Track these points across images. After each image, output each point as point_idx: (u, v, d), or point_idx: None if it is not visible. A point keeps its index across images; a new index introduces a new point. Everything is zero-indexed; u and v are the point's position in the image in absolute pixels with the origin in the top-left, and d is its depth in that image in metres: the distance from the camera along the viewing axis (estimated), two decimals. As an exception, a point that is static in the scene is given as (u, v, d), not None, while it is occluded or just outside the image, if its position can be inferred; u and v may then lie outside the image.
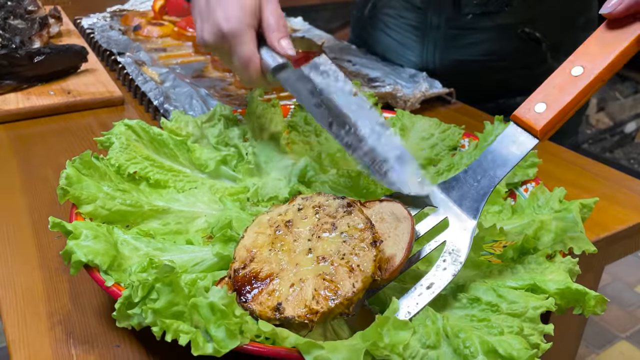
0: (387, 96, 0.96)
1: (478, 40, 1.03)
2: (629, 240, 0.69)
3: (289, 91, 0.65)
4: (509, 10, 0.98)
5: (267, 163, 0.70)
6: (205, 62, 1.14)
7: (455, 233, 0.50)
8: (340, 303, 0.44)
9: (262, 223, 0.52)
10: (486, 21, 1.00)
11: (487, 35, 1.02)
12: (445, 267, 0.48)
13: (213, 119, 0.76)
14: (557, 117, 0.50)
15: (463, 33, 1.03)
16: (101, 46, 1.20)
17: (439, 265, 0.48)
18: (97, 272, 0.48)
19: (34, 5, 1.25)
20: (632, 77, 3.11)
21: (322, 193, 0.54)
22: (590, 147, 2.84)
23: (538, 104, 0.50)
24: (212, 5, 0.66)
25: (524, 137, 0.51)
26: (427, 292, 0.47)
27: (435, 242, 0.51)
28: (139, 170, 0.64)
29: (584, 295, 0.46)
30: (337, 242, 0.48)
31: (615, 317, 2.05)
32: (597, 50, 0.50)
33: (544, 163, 0.70)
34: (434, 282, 0.47)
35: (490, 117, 0.97)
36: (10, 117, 0.91)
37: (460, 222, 0.51)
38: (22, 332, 0.50)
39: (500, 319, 0.43)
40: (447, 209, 0.53)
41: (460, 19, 1.01)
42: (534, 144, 0.50)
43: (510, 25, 1.01)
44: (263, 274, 0.47)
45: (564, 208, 0.57)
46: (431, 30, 1.05)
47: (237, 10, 0.64)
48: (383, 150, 0.56)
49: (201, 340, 0.40)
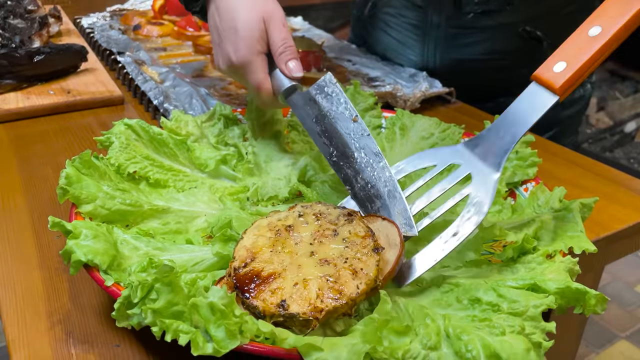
0: (387, 95, 0.96)
1: (479, 39, 1.03)
2: (628, 240, 0.69)
3: (297, 117, 0.67)
4: (510, 9, 0.98)
5: (267, 162, 0.70)
6: (205, 61, 1.14)
7: (479, 186, 0.54)
8: (345, 303, 0.44)
9: (261, 226, 0.52)
10: (487, 20, 1.00)
11: (488, 34, 1.02)
12: (469, 217, 0.51)
13: (213, 119, 0.76)
14: (576, 75, 0.53)
15: (463, 32, 1.02)
16: (101, 45, 1.20)
17: (463, 216, 0.52)
18: (96, 272, 0.48)
19: (34, 5, 1.25)
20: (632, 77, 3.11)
21: (322, 202, 0.55)
22: (591, 147, 2.84)
23: (557, 64, 0.53)
24: (223, 36, 0.69)
25: (544, 95, 0.53)
26: (453, 239, 0.50)
27: (460, 194, 0.54)
28: (138, 170, 0.64)
29: (584, 294, 0.46)
30: (339, 247, 0.49)
31: (615, 317, 2.05)
32: (614, 11, 0.53)
33: (544, 162, 0.70)
34: (458, 230, 0.51)
35: (490, 117, 0.97)
36: (10, 117, 0.91)
37: (484, 175, 0.54)
38: (22, 332, 0.50)
39: (502, 318, 0.43)
40: (471, 164, 0.56)
41: (461, 18, 1.01)
42: (554, 101, 0.53)
43: (511, 24, 1.00)
44: (265, 273, 0.47)
45: (564, 207, 0.57)
46: (431, 29, 1.05)
47: (245, 40, 0.67)
48: (376, 185, 0.58)
49: (201, 340, 0.40)
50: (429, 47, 1.06)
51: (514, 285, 0.48)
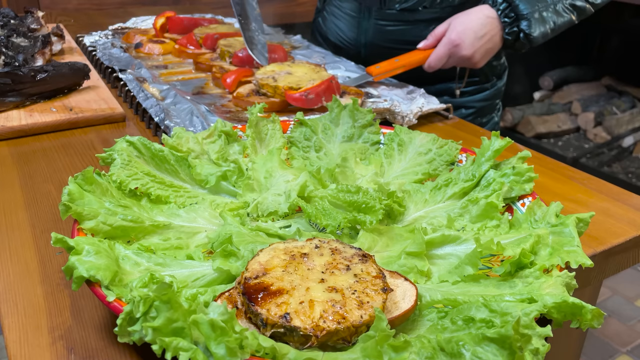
0: (385, 112, 0.97)
1: (401, 31, 1.26)
2: (625, 254, 0.70)
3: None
4: (422, 9, 1.21)
5: (267, 178, 0.71)
6: (206, 78, 1.16)
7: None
8: (347, 328, 0.45)
9: (278, 249, 0.53)
10: (407, 16, 1.23)
11: (408, 28, 1.25)
12: None
13: (213, 135, 0.77)
14: (382, 73, 1.10)
15: (389, 24, 1.26)
16: (103, 63, 1.21)
17: None
18: (98, 287, 0.49)
19: (37, 24, 1.26)
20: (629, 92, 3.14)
21: (339, 240, 0.56)
22: (588, 162, 2.85)
23: (376, 67, 1.12)
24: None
25: (369, 77, 1.03)
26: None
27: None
28: (140, 186, 0.65)
29: (580, 309, 0.46)
30: (350, 280, 0.49)
31: (615, 332, 2.04)
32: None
33: (541, 177, 0.71)
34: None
35: (487, 133, 0.98)
36: (13, 134, 0.92)
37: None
38: (24, 347, 0.50)
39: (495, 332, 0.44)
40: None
41: (386, 12, 1.25)
42: (371, 78, 0.98)
43: (426, 20, 1.24)
44: (274, 288, 0.48)
45: (561, 222, 0.58)
46: (363, 20, 1.29)
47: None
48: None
49: (201, 357, 0.40)
50: (362, 35, 1.29)
51: (512, 300, 0.48)
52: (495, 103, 1.39)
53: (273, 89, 0.99)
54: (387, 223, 0.66)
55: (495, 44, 1.10)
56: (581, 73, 3.27)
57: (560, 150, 2.95)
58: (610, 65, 3.22)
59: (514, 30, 1.08)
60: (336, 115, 0.84)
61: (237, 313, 0.47)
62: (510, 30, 1.09)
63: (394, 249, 0.60)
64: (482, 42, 1.08)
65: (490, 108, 1.38)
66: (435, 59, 1.09)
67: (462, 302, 0.50)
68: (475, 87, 1.33)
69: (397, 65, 1.11)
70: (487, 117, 1.38)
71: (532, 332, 0.41)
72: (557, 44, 3.14)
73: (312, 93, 0.96)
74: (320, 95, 0.96)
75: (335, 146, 0.81)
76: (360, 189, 0.65)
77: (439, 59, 1.09)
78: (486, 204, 0.64)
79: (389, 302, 0.49)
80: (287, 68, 1.08)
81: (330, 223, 0.61)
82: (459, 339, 0.42)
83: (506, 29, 1.09)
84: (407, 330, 0.49)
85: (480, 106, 1.35)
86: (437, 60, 1.09)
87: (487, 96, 1.35)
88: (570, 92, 3.20)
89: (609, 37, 3.13)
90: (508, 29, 1.09)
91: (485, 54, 1.10)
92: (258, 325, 0.46)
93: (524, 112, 3.09)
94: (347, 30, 1.34)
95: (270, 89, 0.99)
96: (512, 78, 3.01)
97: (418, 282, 0.55)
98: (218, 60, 1.22)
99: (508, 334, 0.40)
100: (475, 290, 0.52)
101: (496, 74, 1.35)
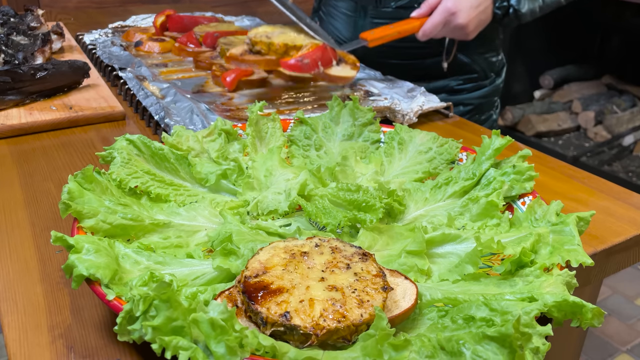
0: (385, 110, 0.97)
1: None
2: (626, 253, 0.70)
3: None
4: (417, 6, 1.18)
5: (267, 177, 0.71)
6: (206, 77, 1.15)
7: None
8: (347, 326, 0.45)
9: (278, 247, 0.53)
10: (403, 14, 1.21)
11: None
12: None
13: (213, 134, 0.77)
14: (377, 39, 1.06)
15: (385, 22, 1.24)
16: (103, 62, 1.21)
17: None
18: (98, 286, 0.49)
19: (37, 22, 1.26)
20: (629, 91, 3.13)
21: (339, 239, 0.55)
22: (589, 160, 2.84)
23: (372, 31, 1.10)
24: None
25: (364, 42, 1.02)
26: None
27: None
28: (140, 185, 0.65)
29: (580, 307, 0.46)
30: (350, 279, 0.49)
31: (615, 331, 2.04)
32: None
33: (541, 176, 0.71)
34: None
35: (487, 132, 0.98)
36: (13, 132, 0.92)
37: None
38: (23, 346, 0.50)
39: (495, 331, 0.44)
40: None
41: (382, 11, 1.26)
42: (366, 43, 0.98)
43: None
44: (274, 286, 0.48)
45: (561, 221, 0.58)
46: (359, 19, 1.30)
47: None
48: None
49: (201, 356, 0.40)
50: (359, 34, 1.23)
51: (512, 299, 0.48)
52: (493, 100, 1.40)
53: (267, 45, 0.96)
54: (388, 222, 0.66)
55: (488, 16, 1.12)
56: (582, 72, 3.27)
57: (560, 149, 2.94)
58: (611, 64, 3.22)
59: (504, 4, 1.12)
60: (336, 114, 0.84)
61: (237, 312, 0.47)
62: (501, 5, 1.12)
63: (394, 247, 0.60)
64: (477, 12, 1.09)
65: (488, 105, 1.39)
66: (430, 26, 1.09)
67: (462, 301, 0.50)
68: (473, 84, 1.33)
69: (392, 31, 1.10)
70: (486, 115, 1.39)
71: (532, 330, 0.41)
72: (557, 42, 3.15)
73: (307, 57, 0.92)
74: (316, 61, 0.93)
75: (335, 145, 0.81)
76: (361, 188, 0.65)
77: (434, 27, 1.08)
78: (486, 202, 0.64)
79: (389, 300, 0.49)
80: (280, 29, 1.06)
81: (330, 222, 0.61)
82: (459, 338, 0.42)
83: (496, 3, 1.12)
84: (407, 329, 0.49)
85: (478, 103, 1.36)
86: (432, 27, 1.08)
87: (486, 93, 1.36)
88: (570, 91, 3.20)
89: (609, 35, 3.12)
90: (498, 3, 1.12)
91: (479, 24, 1.12)
92: (258, 324, 0.46)
93: (524, 110, 3.08)
94: (343, 30, 1.35)
95: (264, 46, 0.97)
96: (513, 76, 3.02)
97: (418, 281, 0.55)
98: (218, 58, 1.21)
99: (508, 332, 0.40)
100: (476, 289, 0.52)
101: (495, 70, 1.36)
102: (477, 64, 1.32)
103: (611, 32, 3.10)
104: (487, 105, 1.38)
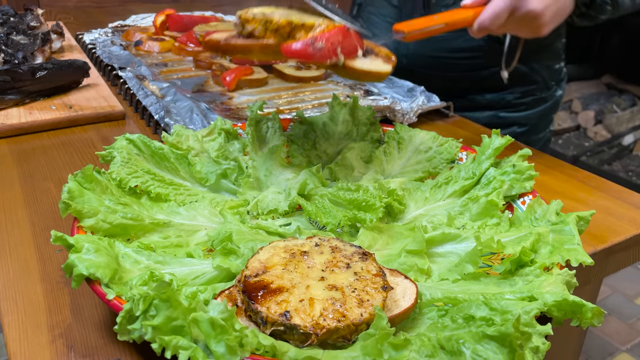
0: (385, 109, 0.97)
1: (444, 38, 1.11)
2: (625, 253, 0.70)
3: None
4: None
5: (267, 176, 0.71)
6: (206, 76, 1.15)
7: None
8: (347, 326, 0.45)
9: (278, 247, 0.53)
10: None
11: (454, 34, 0.99)
12: None
13: (213, 133, 0.77)
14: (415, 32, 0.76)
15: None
16: (103, 61, 1.21)
17: None
18: (98, 285, 0.49)
19: (37, 21, 1.26)
20: (629, 90, 3.14)
21: (339, 239, 0.55)
22: (589, 160, 2.85)
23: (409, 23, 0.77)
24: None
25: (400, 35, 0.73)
26: None
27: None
28: (140, 184, 0.65)
29: (580, 307, 0.46)
30: (350, 279, 0.49)
31: (615, 330, 2.05)
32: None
33: (541, 176, 0.71)
34: None
35: (487, 131, 0.98)
36: (13, 132, 0.92)
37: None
38: (24, 346, 0.50)
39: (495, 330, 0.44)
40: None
41: None
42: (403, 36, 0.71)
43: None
44: (274, 286, 0.48)
45: (561, 221, 0.58)
46: None
47: None
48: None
49: (201, 356, 0.40)
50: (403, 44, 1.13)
51: (512, 298, 0.48)
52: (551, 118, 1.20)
53: (263, 24, 0.65)
54: (387, 221, 0.66)
55: (567, 6, 0.83)
56: (581, 71, 3.27)
57: (560, 148, 2.95)
58: (611, 63, 3.22)
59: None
60: (336, 113, 0.84)
61: (237, 311, 0.47)
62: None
63: (394, 247, 0.60)
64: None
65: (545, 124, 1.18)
66: (491, 15, 0.75)
67: (462, 300, 0.50)
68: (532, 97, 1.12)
69: (436, 22, 0.79)
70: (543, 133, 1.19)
71: (532, 330, 0.41)
72: (557, 42, 3.14)
73: (320, 40, 0.62)
74: (334, 46, 0.63)
75: (335, 144, 0.81)
76: (361, 187, 0.65)
77: (496, 16, 0.75)
78: (486, 202, 0.64)
79: (389, 300, 0.49)
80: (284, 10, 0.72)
81: (330, 221, 0.61)
82: (459, 337, 0.42)
83: None
84: (407, 328, 0.49)
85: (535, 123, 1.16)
86: (494, 17, 0.75)
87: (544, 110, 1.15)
88: (570, 90, 3.20)
89: (609, 35, 3.12)
90: None
91: (555, 15, 0.80)
92: (258, 324, 0.46)
93: (524, 110, 3.08)
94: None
95: (260, 25, 0.65)
96: (513, 76, 3.01)
97: (418, 280, 0.55)
98: (218, 58, 1.21)
99: (508, 332, 0.40)
100: (476, 288, 0.52)
101: (556, 79, 1.15)
102: (538, 73, 1.12)
103: (611, 32, 3.10)
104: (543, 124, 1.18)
